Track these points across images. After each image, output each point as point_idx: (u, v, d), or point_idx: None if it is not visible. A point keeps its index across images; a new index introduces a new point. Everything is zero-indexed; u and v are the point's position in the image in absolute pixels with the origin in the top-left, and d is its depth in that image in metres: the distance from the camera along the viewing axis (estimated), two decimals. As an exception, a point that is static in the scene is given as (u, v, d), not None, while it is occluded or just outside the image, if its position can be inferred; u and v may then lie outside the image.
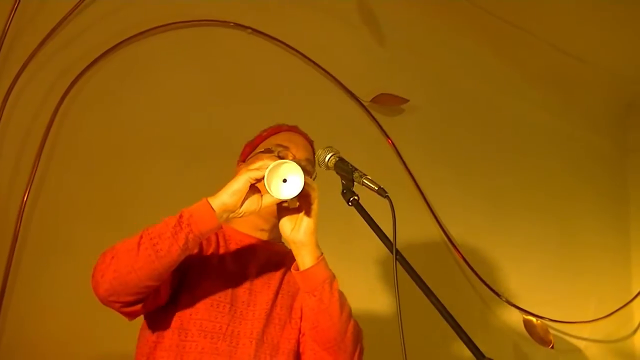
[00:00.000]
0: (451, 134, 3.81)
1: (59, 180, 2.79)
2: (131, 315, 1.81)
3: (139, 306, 1.75)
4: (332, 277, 1.78)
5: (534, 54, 4.07)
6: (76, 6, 2.88)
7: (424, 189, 3.61)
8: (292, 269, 1.81)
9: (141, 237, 1.67)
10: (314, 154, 2.05)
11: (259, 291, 1.89)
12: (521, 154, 4.03)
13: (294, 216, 1.77)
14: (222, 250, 1.95)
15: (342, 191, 1.71)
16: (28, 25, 2.80)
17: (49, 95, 2.81)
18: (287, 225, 1.77)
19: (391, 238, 1.66)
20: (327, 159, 1.77)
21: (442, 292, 3.44)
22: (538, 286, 3.84)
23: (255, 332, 1.83)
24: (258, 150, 2.07)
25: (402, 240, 3.51)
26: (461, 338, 1.47)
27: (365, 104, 3.52)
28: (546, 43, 4.03)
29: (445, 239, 3.63)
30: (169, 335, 1.82)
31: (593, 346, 3.96)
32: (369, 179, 1.71)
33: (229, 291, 1.87)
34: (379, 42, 3.65)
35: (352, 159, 1.85)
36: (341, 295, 1.79)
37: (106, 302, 1.73)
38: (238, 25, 3.22)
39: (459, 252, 3.63)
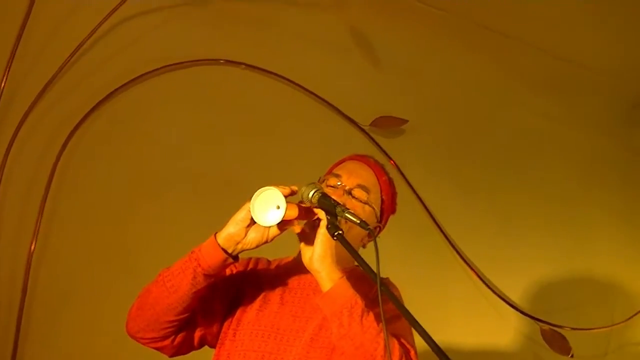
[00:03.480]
0: (454, 150, 3.81)
1: (64, 229, 2.83)
2: (165, 351, 1.92)
3: (167, 342, 1.87)
4: (353, 300, 1.73)
5: (533, 63, 4.05)
6: (68, 59, 2.94)
7: (430, 206, 3.61)
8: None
9: (159, 275, 1.81)
10: (387, 181, 2.10)
11: (308, 317, 1.89)
12: (527, 164, 4.00)
13: (311, 244, 1.79)
14: (274, 281, 1.99)
15: (327, 226, 1.74)
16: (23, 80, 2.86)
17: (50, 145, 2.88)
18: (306, 253, 1.80)
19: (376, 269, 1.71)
20: (310, 196, 1.79)
21: (457, 308, 3.47)
22: (553, 295, 3.81)
23: (297, 357, 1.83)
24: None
25: (412, 259, 3.52)
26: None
27: (365, 128, 3.54)
28: (544, 51, 4.02)
29: (456, 255, 3.63)
30: None
31: (615, 351, 3.92)
32: (350, 212, 1.76)
33: (277, 319, 1.90)
34: (374, 65, 3.67)
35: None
36: (365, 317, 1.72)
37: (135, 338, 1.88)
38: (230, 62, 3.26)
39: (470, 267, 3.63)
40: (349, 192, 1.98)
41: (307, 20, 3.50)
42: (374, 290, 1.91)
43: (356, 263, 2.03)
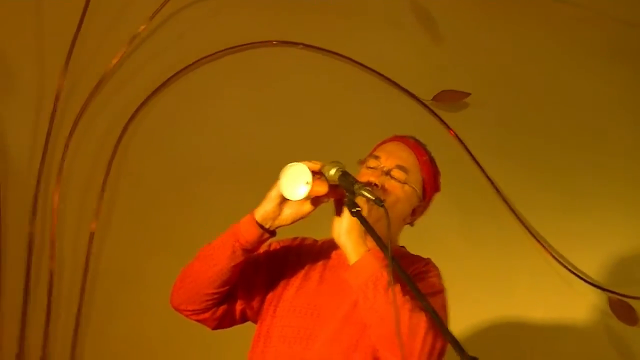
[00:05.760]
0: (520, 123, 3.73)
1: (124, 212, 2.92)
2: (207, 323, 2.01)
3: (208, 314, 1.97)
4: (378, 273, 1.75)
5: (598, 30, 3.92)
6: (125, 50, 3.03)
7: (494, 180, 3.58)
8: None
9: (200, 250, 1.93)
10: (428, 160, 2.13)
11: (345, 294, 1.91)
12: (597, 136, 3.85)
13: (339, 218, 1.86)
14: (317, 259, 2.06)
15: (347, 203, 1.79)
16: (84, 68, 2.96)
17: (111, 130, 3.05)
18: (335, 228, 1.86)
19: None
20: (332, 174, 1.82)
21: (526, 282, 3.43)
22: (624, 268, 3.69)
23: (331, 332, 1.89)
24: None
25: (478, 235, 3.48)
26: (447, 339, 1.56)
27: (426, 102, 3.52)
28: (608, 16, 3.90)
29: (524, 229, 3.58)
30: (258, 343, 1.99)
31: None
32: (367, 189, 1.78)
33: (314, 297, 1.97)
34: (435, 39, 3.64)
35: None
36: (391, 290, 1.71)
37: (178, 310, 2.00)
38: (286, 43, 3.30)
39: (537, 239, 3.58)
40: (388, 173, 2.02)
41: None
42: (412, 268, 1.96)
43: (401, 244, 2.13)
